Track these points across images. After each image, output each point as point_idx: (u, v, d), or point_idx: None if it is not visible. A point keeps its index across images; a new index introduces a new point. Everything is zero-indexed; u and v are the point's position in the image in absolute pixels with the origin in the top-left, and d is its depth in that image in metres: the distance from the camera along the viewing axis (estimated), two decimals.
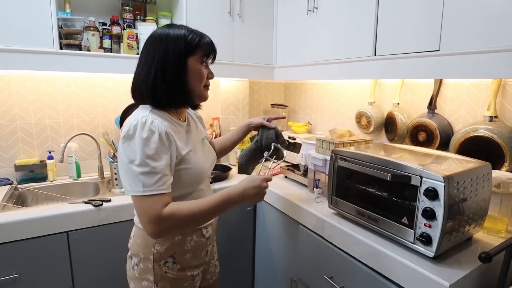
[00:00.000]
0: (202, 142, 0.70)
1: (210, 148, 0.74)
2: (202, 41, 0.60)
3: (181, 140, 0.61)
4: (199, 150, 0.67)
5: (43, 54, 0.95)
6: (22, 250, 0.83)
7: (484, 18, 0.64)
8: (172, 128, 0.59)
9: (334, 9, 1.01)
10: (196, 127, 0.71)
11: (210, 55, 0.64)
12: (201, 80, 0.61)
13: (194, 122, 0.72)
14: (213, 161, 0.72)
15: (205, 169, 0.66)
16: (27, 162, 1.12)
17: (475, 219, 0.68)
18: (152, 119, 0.55)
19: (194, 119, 0.73)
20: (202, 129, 0.74)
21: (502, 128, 0.77)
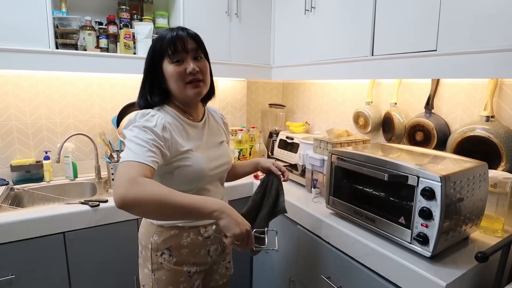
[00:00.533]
0: (217, 145, 0.70)
1: (225, 153, 0.71)
2: (164, 43, 0.58)
3: (181, 136, 0.62)
4: (204, 150, 0.66)
5: (39, 54, 0.94)
6: (18, 251, 0.83)
7: (481, 18, 0.64)
8: (175, 124, 0.62)
9: (332, 9, 1.01)
10: (215, 131, 0.71)
11: (173, 48, 0.57)
12: (177, 80, 0.59)
13: (217, 125, 0.73)
14: (222, 165, 0.70)
15: (206, 169, 0.64)
16: (23, 162, 1.12)
17: (472, 218, 0.68)
18: (154, 113, 0.59)
19: (219, 122, 0.74)
20: (222, 133, 0.73)
21: (498, 128, 0.77)
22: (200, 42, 0.62)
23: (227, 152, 0.73)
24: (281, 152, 1.44)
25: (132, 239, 0.99)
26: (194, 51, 0.60)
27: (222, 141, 0.72)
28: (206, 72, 0.62)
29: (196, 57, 0.60)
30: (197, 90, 0.60)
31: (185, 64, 0.59)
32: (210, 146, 0.68)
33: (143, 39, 1.12)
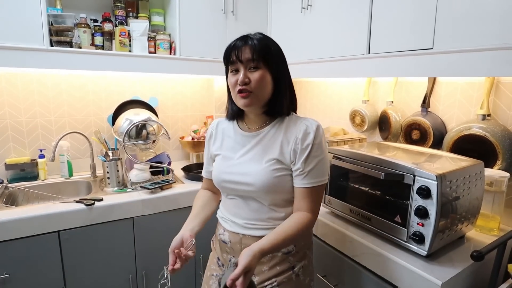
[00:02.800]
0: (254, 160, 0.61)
1: (252, 171, 0.60)
2: (225, 52, 0.61)
3: (221, 142, 0.67)
4: (231, 160, 0.63)
5: (33, 51, 0.94)
6: (13, 250, 0.82)
7: (477, 16, 0.64)
8: (225, 130, 0.68)
9: (328, 6, 1.00)
10: (269, 145, 0.60)
11: (229, 60, 0.59)
12: (231, 89, 0.61)
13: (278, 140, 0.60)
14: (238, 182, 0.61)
15: (219, 178, 0.63)
16: (17, 161, 1.11)
17: (468, 217, 0.68)
18: (214, 122, 0.70)
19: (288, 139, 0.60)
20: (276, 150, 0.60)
21: (495, 127, 0.77)
22: (259, 51, 0.57)
23: (261, 177, 0.58)
24: None
25: (127, 238, 0.99)
26: (248, 61, 0.58)
27: (270, 158, 0.59)
28: (257, 83, 0.58)
29: (250, 67, 0.58)
30: (243, 101, 0.59)
31: (238, 74, 0.59)
32: (243, 157, 0.62)
33: (139, 36, 1.12)
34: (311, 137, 0.58)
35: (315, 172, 0.58)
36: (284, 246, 0.58)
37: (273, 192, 0.60)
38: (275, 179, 0.59)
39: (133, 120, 1.13)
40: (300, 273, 0.63)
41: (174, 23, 1.16)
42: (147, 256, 1.02)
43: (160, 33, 1.17)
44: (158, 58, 1.14)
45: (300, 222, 0.57)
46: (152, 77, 1.34)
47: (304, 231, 0.58)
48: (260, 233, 0.61)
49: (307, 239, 0.66)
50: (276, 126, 0.62)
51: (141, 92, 1.32)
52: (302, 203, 0.59)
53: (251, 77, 0.58)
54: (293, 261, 0.62)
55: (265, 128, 0.62)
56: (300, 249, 0.64)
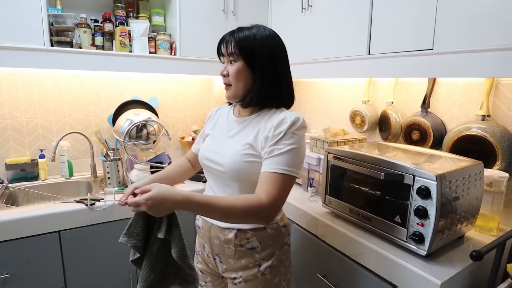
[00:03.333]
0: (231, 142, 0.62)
1: (226, 152, 0.61)
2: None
3: (215, 124, 0.71)
4: (216, 140, 0.66)
5: (34, 51, 0.94)
6: (13, 250, 0.82)
7: (478, 17, 0.64)
8: (221, 114, 0.72)
9: (329, 7, 1.01)
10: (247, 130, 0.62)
11: (219, 52, 0.63)
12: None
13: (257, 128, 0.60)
14: (213, 161, 0.62)
15: (202, 154, 0.67)
16: (18, 161, 1.11)
17: (467, 217, 0.68)
18: (215, 109, 0.75)
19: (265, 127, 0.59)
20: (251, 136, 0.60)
21: (494, 127, 0.77)
22: (241, 44, 0.58)
23: (232, 158, 0.59)
24: None
25: None
26: (229, 55, 0.60)
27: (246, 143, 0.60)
28: (232, 76, 0.59)
29: (230, 60, 0.61)
30: (226, 92, 0.64)
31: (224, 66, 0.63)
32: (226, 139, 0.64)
33: (139, 37, 1.12)
34: (286, 125, 0.56)
35: (283, 159, 0.54)
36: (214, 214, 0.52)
37: (242, 177, 0.59)
38: (244, 163, 0.58)
39: (133, 120, 1.13)
40: (267, 273, 0.62)
41: (174, 23, 1.16)
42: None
43: (161, 33, 1.17)
44: (159, 58, 1.14)
45: (245, 200, 0.52)
46: (152, 77, 1.34)
47: (247, 212, 0.51)
48: (225, 225, 0.62)
49: (276, 238, 0.64)
50: (261, 115, 0.63)
51: (141, 92, 1.32)
52: (260, 187, 0.54)
53: (229, 70, 0.60)
54: (258, 258, 0.62)
55: (251, 116, 0.64)
56: (266, 248, 0.63)
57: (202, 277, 0.72)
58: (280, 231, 0.65)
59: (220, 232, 0.63)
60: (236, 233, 0.62)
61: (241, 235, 0.62)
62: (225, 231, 0.63)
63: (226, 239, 0.63)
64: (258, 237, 0.62)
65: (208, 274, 0.71)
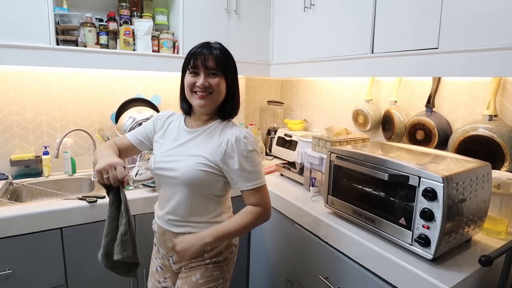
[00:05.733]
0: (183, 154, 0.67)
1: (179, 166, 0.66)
2: (189, 55, 0.67)
3: (165, 131, 0.74)
4: (168, 150, 0.70)
5: (40, 50, 0.95)
6: (16, 246, 0.83)
7: (483, 15, 0.63)
8: (171, 123, 0.75)
9: (331, 6, 1.00)
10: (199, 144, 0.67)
11: (192, 63, 0.65)
12: (187, 88, 0.68)
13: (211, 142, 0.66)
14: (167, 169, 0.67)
15: (155, 165, 0.69)
16: (22, 157, 1.12)
17: (475, 220, 0.66)
18: (168, 113, 0.77)
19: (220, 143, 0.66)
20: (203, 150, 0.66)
21: (502, 127, 0.75)
22: (221, 62, 0.66)
23: (185, 165, 0.65)
24: (279, 150, 1.43)
25: None
26: (210, 69, 0.66)
27: (199, 154, 0.66)
28: (217, 88, 0.66)
29: (210, 73, 0.66)
30: (200, 101, 0.67)
31: (198, 77, 0.66)
32: (176, 150, 0.69)
33: (143, 35, 1.12)
34: (246, 144, 0.66)
35: (256, 175, 0.66)
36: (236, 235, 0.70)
37: (193, 183, 0.66)
38: (198, 172, 0.65)
39: (136, 118, 1.14)
40: (211, 264, 0.70)
41: (177, 22, 1.17)
42: (148, 254, 1.02)
43: (164, 32, 1.18)
44: (162, 57, 1.15)
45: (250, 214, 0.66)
46: (155, 76, 1.35)
47: (256, 223, 0.67)
48: (177, 230, 0.69)
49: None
50: (213, 127, 0.69)
51: (144, 90, 1.33)
52: (251, 201, 0.67)
53: (210, 82, 0.66)
54: (206, 257, 0.70)
55: (203, 127, 0.70)
56: (215, 248, 0.70)
57: (162, 273, 0.76)
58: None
59: (174, 236, 0.70)
60: None
61: None
62: (178, 235, 0.69)
63: None
64: None
65: (167, 270, 0.76)
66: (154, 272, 0.77)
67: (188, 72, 0.67)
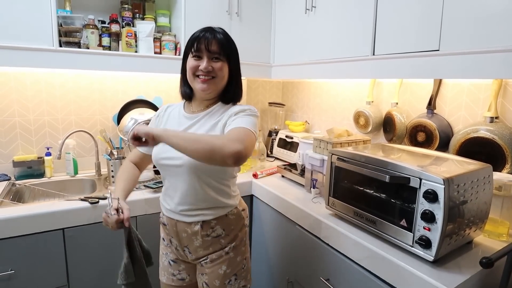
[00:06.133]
0: None
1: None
2: (192, 39, 0.67)
3: (165, 124, 0.74)
4: None
5: (43, 52, 0.96)
6: (18, 247, 0.83)
7: (485, 17, 0.63)
8: (170, 113, 0.75)
9: (333, 8, 1.00)
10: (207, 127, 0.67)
11: (195, 47, 0.65)
12: (189, 72, 0.67)
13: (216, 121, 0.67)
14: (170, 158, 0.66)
15: (157, 156, 0.69)
16: (25, 158, 1.13)
17: (476, 222, 0.66)
18: (164, 107, 0.77)
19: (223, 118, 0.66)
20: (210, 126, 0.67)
21: (503, 129, 0.75)
22: (224, 46, 0.66)
23: None
24: (280, 151, 1.43)
25: None
26: (214, 53, 0.66)
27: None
28: (220, 72, 0.66)
29: (213, 57, 0.66)
30: (203, 85, 0.66)
31: (201, 61, 0.66)
32: None
33: (145, 37, 1.13)
34: (245, 108, 0.66)
35: (244, 120, 0.63)
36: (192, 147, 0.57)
37: (199, 169, 0.65)
38: None
39: (138, 120, 1.14)
40: (231, 251, 0.71)
41: (179, 24, 1.17)
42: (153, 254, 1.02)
43: (166, 34, 1.18)
44: (164, 59, 1.15)
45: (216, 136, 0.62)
46: (157, 77, 1.35)
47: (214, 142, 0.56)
48: (190, 220, 0.69)
49: (237, 222, 0.72)
50: (214, 110, 0.69)
51: (145, 91, 1.33)
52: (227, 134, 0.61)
53: (214, 66, 0.65)
54: (224, 243, 0.70)
55: (203, 112, 0.69)
56: (230, 232, 0.71)
57: (176, 266, 0.76)
58: (239, 215, 0.73)
59: (187, 226, 0.69)
60: (202, 225, 0.69)
61: (206, 225, 0.69)
62: (191, 224, 0.69)
63: (193, 232, 0.69)
64: (221, 224, 0.70)
65: (181, 262, 0.76)
66: (166, 266, 0.77)
67: (190, 55, 0.66)
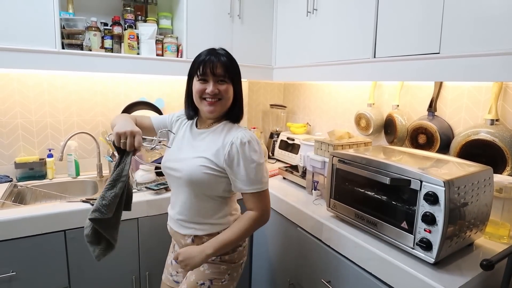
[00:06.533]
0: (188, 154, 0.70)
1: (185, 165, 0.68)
2: (196, 62, 0.69)
3: (181, 132, 0.77)
4: (176, 151, 0.74)
5: (46, 54, 0.96)
6: (20, 248, 0.83)
7: (485, 21, 0.64)
8: (182, 124, 0.78)
9: (334, 10, 1.01)
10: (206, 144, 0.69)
11: (201, 70, 0.67)
12: (196, 95, 0.69)
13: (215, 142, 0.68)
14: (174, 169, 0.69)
15: (164, 165, 0.73)
16: (27, 159, 1.13)
17: (477, 224, 0.66)
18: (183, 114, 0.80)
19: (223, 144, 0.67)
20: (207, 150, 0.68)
21: (503, 132, 0.76)
22: (229, 68, 0.68)
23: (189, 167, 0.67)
24: (281, 153, 1.44)
25: (131, 238, 0.99)
26: (219, 76, 0.68)
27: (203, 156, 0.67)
28: (225, 94, 0.69)
29: (219, 80, 0.68)
30: (210, 107, 0.69)
31: (207, 84, 0.68)
32: (182, 148, 0.73)
33: (147, 39, 1.14)
34: (249, 147, 0.66)
35: (257, 178, 0.67)
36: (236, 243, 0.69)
37: (195, 184, 0.68)
38: (202, 174, 0.67)
39: None
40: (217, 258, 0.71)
41: (181, 26, 1.18)
42: (150, 257, 1.02)
43: (168, 36, 1.19)
44: (165, 61, 1.16)
45: (247, 221, 0.68)
46: (159, 79, 1.36)
47: (253, 227, 0.68)
48: (184, 232, 0.71)
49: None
50: (219, 129, 0.71)
51: (147, 93, 1.34)
52: (250, 205, 0.68)
53: (219, 88, 0.68)
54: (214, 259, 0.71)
55: (209, 129, 0.72)
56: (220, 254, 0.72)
57: (176, 266, 0.79)
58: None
59: (181, 238, 0.73)
60: (193, 239, 0.71)
61: (198, 240, 0.71)
62: (185, 237, 0.72)
63: (186, 244, 0.73)
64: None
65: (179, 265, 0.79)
66: (168, 264, 0.81)
67: (196, 79, 0.69)
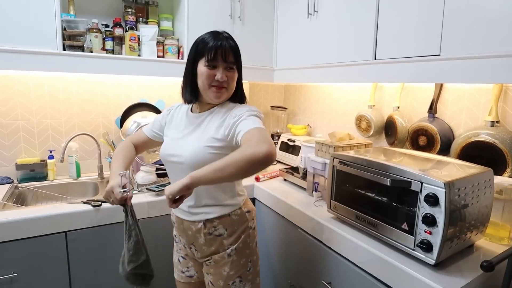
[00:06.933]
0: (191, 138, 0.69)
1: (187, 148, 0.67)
2: (207, 48, 0.66)
3: (175, 121, 0.76)
4: (175, 139, 0.72)
5: (47, 55, 0.97)
6: (21, 250, 0.83)
7: (485, 23, 0.64)
8: (179, 112, 0.77)
9: (335, 12, 1.01)
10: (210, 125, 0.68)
11: (211, 56, 0.65)
12: (204, 80, 0.67)
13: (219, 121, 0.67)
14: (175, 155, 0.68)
15: (164, 153, 0.72)
16: (28, 161, 1.13)
17: (477, 226, 0.67)
18: (176, 105, 0.80)
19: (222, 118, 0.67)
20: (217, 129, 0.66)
21: (504, 133, 0.76)
22: (238, 55, 0.68)
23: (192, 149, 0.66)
24: (282, 155, 1.44)
25: None
26: (230, 63, 0.67)
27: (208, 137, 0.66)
28: (232, 81, 0.69)
29: (228, 67, 0.67)
30: (218, 94, 0.67)
31: (217, 71, 0.66)
32: (185, 134, 0.71)
33: (148, 41, 1.14)
34: (251, 108, 0.66)
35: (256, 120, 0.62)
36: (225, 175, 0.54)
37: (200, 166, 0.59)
38: (208, 154, 0.65)
39: (140, 123, 1.15)
40: (233, 254, 0.71)
41: (182, 28, 1.19)
42: (152, 258, 1.03)
43: (169, 38, 1.19)
44: (166, 62, 1.16)
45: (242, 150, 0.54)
46: (160, 81, 1.36)
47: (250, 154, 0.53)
48: (194, 218, 0.71)
49: (240, 223, 0.72)
50: (216, 110, 0.70)
51: (148, 95, 1.34)
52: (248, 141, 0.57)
53: (228, 75, 0.67)
54: (226, 243, 0.71)
55: (207, 111, 0.70)
56: (232, 233, 0.71)
57: (184, 262, 0.79)
58: (243, 216, 0.73)
59: (191, 224, 0.72)
60: (204, 223, 0.70)
61: (209, 224, 0.70)
62: (195, 222, 0.71)
63: (197, 229, 0.71)
64: (224, 224, 0.71)
65: (190, 259, 0.78)
66: (177, 263, 0.81)
67: (203, 64, 0.65)
